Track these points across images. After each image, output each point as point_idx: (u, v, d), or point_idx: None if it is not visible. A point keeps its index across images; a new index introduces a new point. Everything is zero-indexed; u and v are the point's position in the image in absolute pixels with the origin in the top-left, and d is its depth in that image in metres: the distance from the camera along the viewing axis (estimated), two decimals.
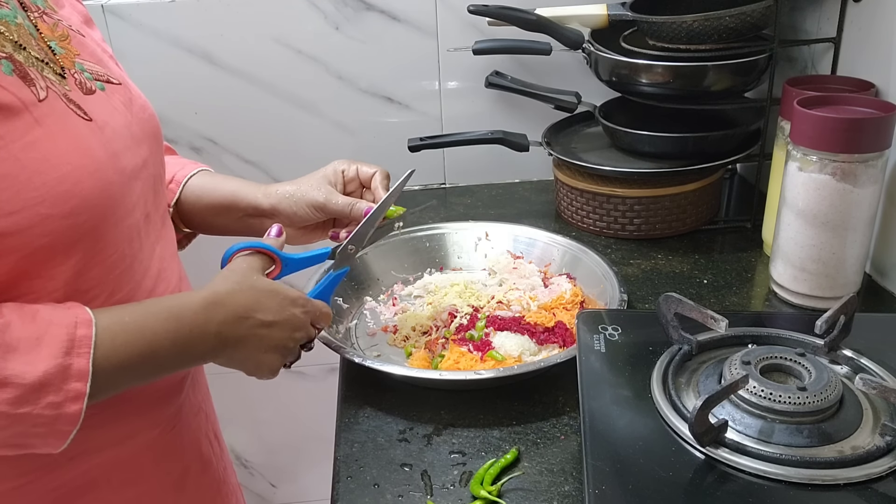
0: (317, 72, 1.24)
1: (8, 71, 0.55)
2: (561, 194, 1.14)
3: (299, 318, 0.68)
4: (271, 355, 0.67)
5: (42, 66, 0.59)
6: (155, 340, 0.59)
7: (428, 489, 0.66)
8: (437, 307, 0.91)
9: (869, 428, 0.58)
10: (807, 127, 0.81)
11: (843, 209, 0.82)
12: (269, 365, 0.68)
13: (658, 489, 0.54)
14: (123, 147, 0.63)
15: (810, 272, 0.86)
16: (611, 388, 0.64)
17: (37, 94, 0.57)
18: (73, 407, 0.54)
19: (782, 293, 0.91)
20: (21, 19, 0.60)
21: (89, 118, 0.61)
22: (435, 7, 1.21)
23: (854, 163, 0.80)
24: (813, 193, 0.82)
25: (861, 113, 0.82)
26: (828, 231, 0.83)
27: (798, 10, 1.10)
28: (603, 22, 1.11)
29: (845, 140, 0.79)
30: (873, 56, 0.93)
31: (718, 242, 1.07)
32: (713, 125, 1.06)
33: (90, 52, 0.67)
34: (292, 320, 0.68)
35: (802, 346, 0.66)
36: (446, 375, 0.76)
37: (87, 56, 0.66)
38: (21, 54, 0.57)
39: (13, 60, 0.56)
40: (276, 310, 0.66)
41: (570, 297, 0.90)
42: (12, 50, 0.57)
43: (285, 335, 0.67)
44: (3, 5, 0.58)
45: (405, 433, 0.74)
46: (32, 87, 0.57)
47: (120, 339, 0.57)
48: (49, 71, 0.59)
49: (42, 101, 0.57)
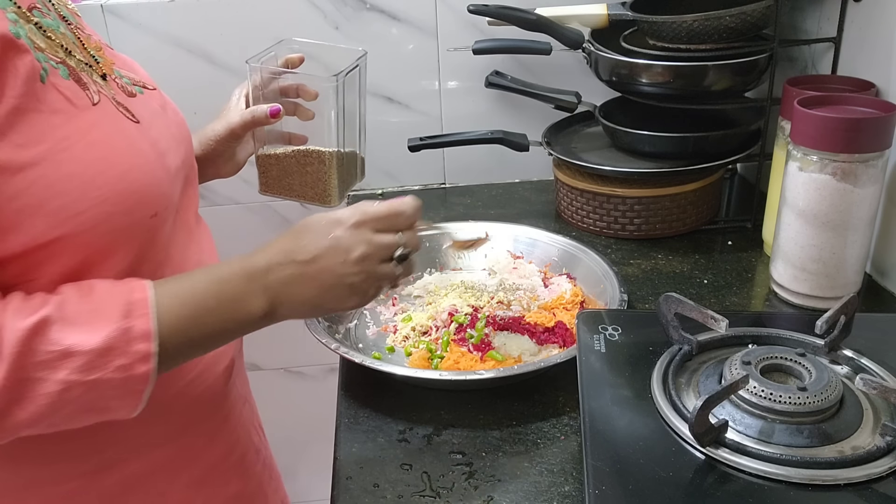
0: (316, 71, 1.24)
1: (65, 75, 0.58)
2: (561, 194, 1.14)
3: (346, 240, 0.63)
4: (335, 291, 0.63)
5: (91, 71, 0.61)
6: (204, 304, 0.59)
7: (428, 489, 0.66)
8: (437, 307, 0.91)
9: (869, 428, 0.58)
10: (807, 127, 0.81)
11: (843, 209, 0.82)
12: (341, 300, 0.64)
13: (658, 489, 0.54)
14: (167, 147, 0.66)
15: (811, 272, 0.86)
16: (611, 389, 0.64)
17: (91, 97, 0.59)
18: (142, 368, 0.55)
19: (783, 293, 0.91)
20: (63, 29, 0.62)
21: (136, 120, 0.63)
22: (435, 7, 1.21)
23: (854, 163, 0.80)
24: (813, 193, 0.82)
25: (861, 113, 0.82)
26: (828, 231, 0.83)
27: (798, 10, 1.09)
28: (603, 22, 1.11)
29: (846, 140, 0.79)
30: (874, 56, 0.93)
31: (718, 242, 1.07)
32: (713, 125, 1.06)
33: (122, 61, 0.70)
34: (337, 246, 0.63)
35: (803, 347, 0.65)
36: (446, 375, 0.76)
37: (120, 64, 0.69)
38: (72, 60, 0.60)
39: (67, 66, 0.59)
40: (313, 243, 0.63)
41: (570, 297, 0.90)
42: (64, 56, 0.59)
43: (336, 263, 0.63)
44: (46, 15, 0.60)
45: (405, 433, 0.73)
46: (87, 91, 0.59)
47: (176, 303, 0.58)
48: (96, 76, 0.62)
49: (96, 104, 0.59)
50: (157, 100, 0.70)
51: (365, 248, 0.63)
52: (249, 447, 0.82)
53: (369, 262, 0.64)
